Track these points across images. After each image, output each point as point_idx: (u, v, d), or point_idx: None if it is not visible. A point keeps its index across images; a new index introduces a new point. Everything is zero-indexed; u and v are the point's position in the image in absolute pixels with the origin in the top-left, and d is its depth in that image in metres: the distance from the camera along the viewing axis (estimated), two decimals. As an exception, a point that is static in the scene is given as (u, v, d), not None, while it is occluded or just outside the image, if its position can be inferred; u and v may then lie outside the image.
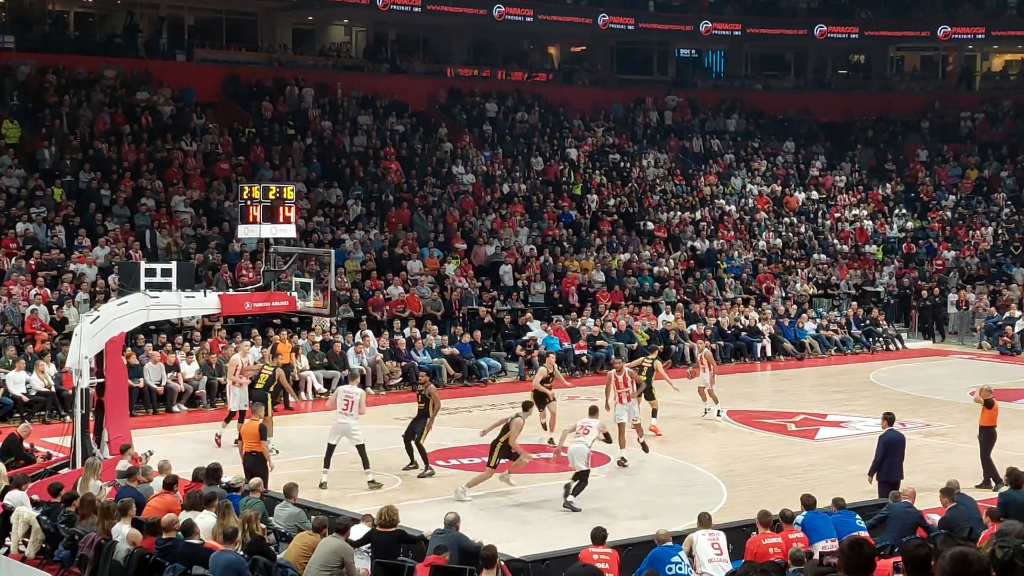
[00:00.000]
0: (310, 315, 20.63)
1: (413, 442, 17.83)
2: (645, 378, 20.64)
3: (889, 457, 15.39)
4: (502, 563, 10.69)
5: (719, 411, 22.29)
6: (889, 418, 16.00)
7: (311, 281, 18.10)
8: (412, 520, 12.95)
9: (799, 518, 12.48)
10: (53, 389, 21.77)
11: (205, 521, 11.74)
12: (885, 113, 45.84)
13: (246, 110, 35.16)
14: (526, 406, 17.43)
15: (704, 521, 12.21)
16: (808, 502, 12.76)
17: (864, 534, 11.69)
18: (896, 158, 43.83)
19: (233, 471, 15.24)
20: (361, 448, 17.22)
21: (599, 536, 11.61)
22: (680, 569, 11.29)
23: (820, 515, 12.59)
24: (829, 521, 12.48)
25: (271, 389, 19.09)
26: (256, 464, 15.46)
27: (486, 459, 16.55)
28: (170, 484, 12.94)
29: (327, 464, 17.06)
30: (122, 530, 11.49)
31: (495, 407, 23.59)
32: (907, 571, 5.16)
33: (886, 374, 28.31)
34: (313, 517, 12.21)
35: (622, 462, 18.32)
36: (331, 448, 17.16)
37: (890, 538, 12.26)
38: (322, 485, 16.60)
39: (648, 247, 34.61)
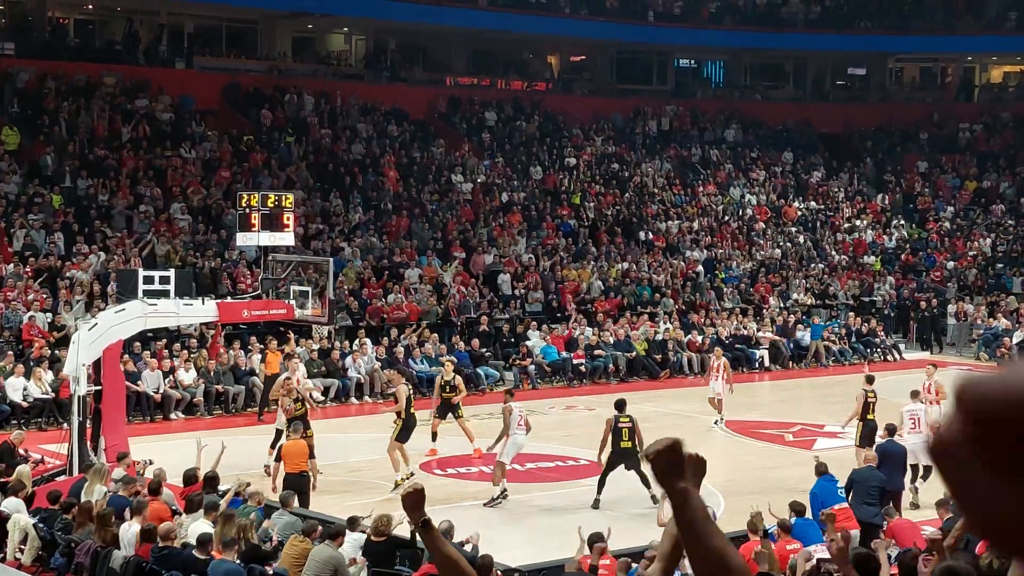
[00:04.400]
0: (308, 323, 20.64)
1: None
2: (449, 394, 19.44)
3: (884, 467, 15.34)
4: (499, 572, 10.68)
5: (717, 420, 22.21)
6: (890, 429, 15.99)
7: (309, 289, 18.10)
8: (408, 529, 12.92)
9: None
10: (50, 396, 21.75)
11: (200, 529, 11.72)
12: (884, 124, 45.90)
13: (245, 118, 35.19)
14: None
15: None
16: (798, 508, 12.83)
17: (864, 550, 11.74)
18: (895, 169, 43.87)
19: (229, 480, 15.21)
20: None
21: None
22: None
23: (810, 522, 12.67)
24: (818, 528, 12.60)
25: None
26: (298, 485, 15.19)
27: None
28: (155, 490, 12.92)
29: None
30: (132, 528, 11.45)
31: (492, 416, 23.59)
32: None
33: (884, 385, 28.25)
34: (303, 521, 12.18)
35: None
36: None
37: (857, 502, 13.51)
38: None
39: (647, 256, 34.62)
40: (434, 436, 19.14)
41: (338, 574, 10.83)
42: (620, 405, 16.65)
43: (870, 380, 18.46)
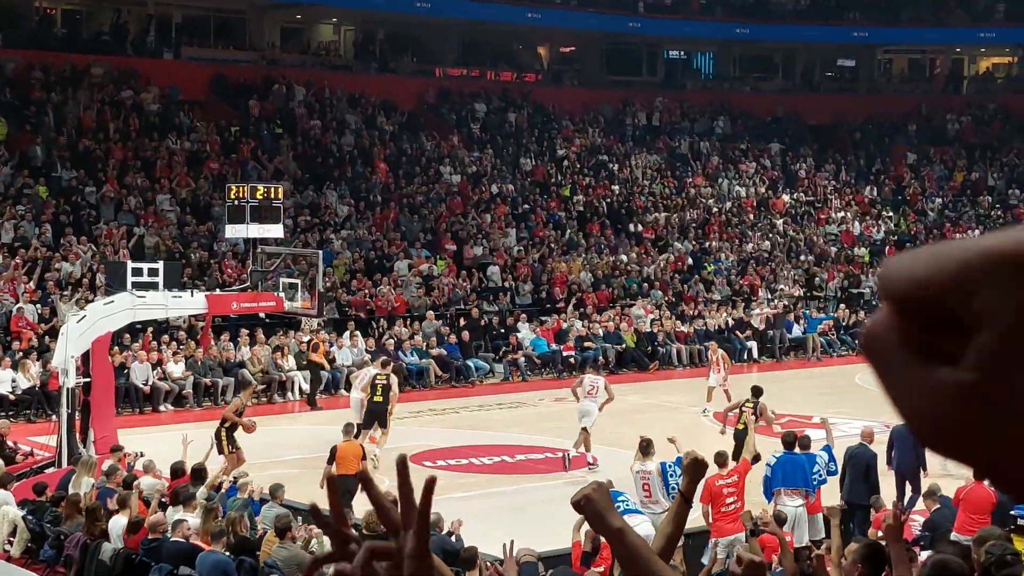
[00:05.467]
0: (297, 315, 20.62)
1: None
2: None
3: (896, 447, 14.99)
4: (493, 563, 10.68)
5: (705, 409, 22.16)
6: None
7: (298, 281, 18.07)
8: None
9: (771, 459, 12.75)
10: (38, 388, 21.68)
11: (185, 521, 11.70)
12: (873, 115, 45.98)
13: (233, 108, 35.09)
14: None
15: (645, 449, 12.34)
16: (787, 440, 13.06)
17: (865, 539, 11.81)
18: (883, 160, 43.97)
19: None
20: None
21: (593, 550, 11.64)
22: (627, 505, 11.41)
23: (793, 458, 12.88)
24: (799, 466, 12.75)
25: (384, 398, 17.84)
26: (346, 486, 15.00)
27: None
28: (128, 483, 12.92)
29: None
30: (120, 521, 11.43)
31: (482, 408, 23.63)
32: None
33: (872, 376, 28.31)
34: (276, 516, 12.16)
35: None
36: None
37: (848, 480, 13.66)
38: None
39: (636, 248, 34.63)
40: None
41: (301, 568, 10.78)
42: (756, 391, 17.03)
43: None
